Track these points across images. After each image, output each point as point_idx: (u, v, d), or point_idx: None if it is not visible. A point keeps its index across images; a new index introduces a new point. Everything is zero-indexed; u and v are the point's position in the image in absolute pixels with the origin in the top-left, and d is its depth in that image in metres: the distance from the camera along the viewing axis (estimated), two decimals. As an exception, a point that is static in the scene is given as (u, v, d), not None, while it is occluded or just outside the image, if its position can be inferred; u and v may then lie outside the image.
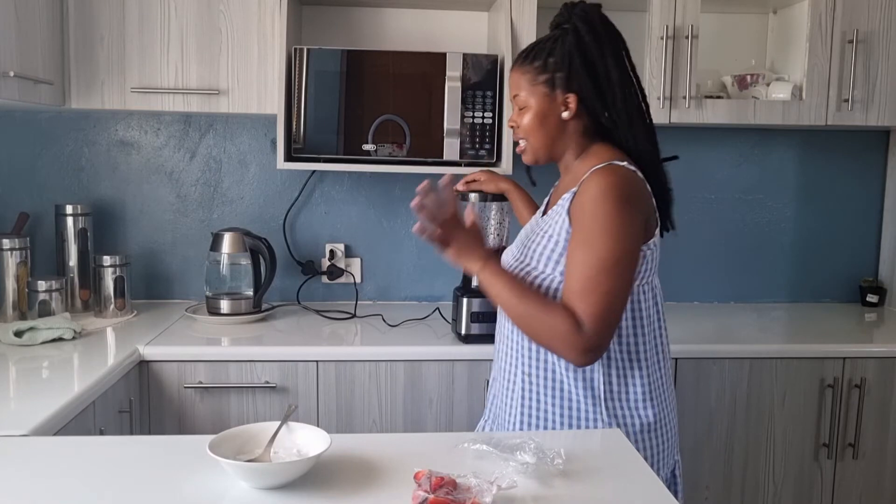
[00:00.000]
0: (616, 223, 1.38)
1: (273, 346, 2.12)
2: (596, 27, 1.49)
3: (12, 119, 2.51)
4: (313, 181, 2.60)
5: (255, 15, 2.22)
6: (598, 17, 1.51)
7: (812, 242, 2.78)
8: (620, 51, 1.51)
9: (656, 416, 1.52)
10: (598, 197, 1.40)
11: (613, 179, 1.42)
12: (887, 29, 2.35)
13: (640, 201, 1.44)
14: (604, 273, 1.37)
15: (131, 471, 1.24)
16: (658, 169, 1.53)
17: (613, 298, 1.38)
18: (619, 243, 1.38)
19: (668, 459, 1.58)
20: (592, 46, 1.47)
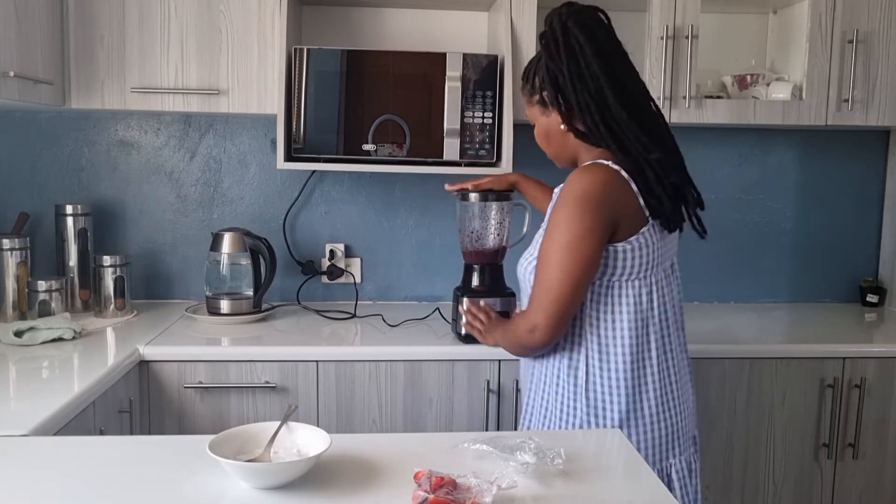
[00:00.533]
0: (571, 221, 1.48)
1: (273, 346, 2.12)
2: (556, 39, 1.53)
3: (12, 119, 2.51)
4: (313, 181, 2.60)
5: (255, 15, 2.22)
6: (561, 27, 1.53)
7: (812, 242, 2.78)
8: (580, 57, 1.51)
9: (628, 410, 1.55)
10: (566, 194, 1.51)
11: (584, 178, 1.50)
12: (887, 29, 2.35)
13: (607, 201, 1.48)
14: (552, 274, 1.50)
15: (131, 471, 1.24)
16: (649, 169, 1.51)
17: (557, 290, 1.49)
18: (569, 238, 1.48)
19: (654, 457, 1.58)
20: (551, 63, 1.53)
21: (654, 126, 1.56)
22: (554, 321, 1.50)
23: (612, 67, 1.52)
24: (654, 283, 1.56)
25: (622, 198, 1.50)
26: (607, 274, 1.53)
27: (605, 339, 1.55)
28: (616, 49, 1.56)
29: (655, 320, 1.56)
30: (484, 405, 2.10)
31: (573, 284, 1.49)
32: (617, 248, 1.51)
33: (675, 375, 1.61)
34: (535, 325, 1.52)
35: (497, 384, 2.10)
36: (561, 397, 1.59)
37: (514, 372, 2.09)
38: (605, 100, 1.51)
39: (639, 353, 1.56)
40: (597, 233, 1.48)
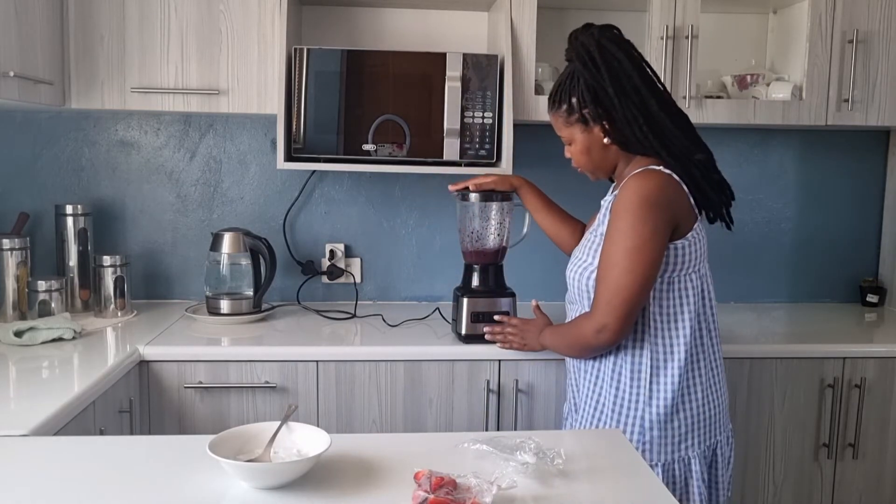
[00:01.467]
0: (636, 225, 1.55)
1: (273, 346, 2.12)
2: (593, 57, 1.61)
3: (12, 119, 2.51)
4: (313, 181, 2.60)
5: (255, 15, 2.22)
6: (596, 44, 1.62)
7: (812, 242, 2.78)
8: (619, 70, 1.61)
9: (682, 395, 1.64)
10: (627, 200, 1.58)
11: (642, 184, 1.58)
12: (887, 29, 2.35)
13: (667, 203, 1.58)
14: (618, 267, 1.56)
15: (131, 471, 1.24)
16: (695, 168, 1.63)
17: (626, 291, 1.56)
18: (636, 242, 1.55)
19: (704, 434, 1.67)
20: (593, 80, 1.61)
21: (690, 128, 1.67)
22: (623, 321, 1.58)
23: (649, 78, 1.63)
24: (704, 273, 1.68)
25: (678, 199, 1.61)
26: (668, 271, 1.62)
27: (668, 333, 1.64)
28: (645, 61, 1.66)
29: (706, 314, 1.68)
30: (484, 405, 2.10)
31: (642, 285, 1.57)
32: (677, 245, 1.61)
33: (720, 360, 1.72)
34: (604, 325, 1.59)
35: (497, 384, 2.10)
36: (622, 392, 1.67)
37: (514, 372, 2.09)
38: (649, 110, 1.61)
39: (696, 339, 1.66)
40: (660, 235, 1.57)
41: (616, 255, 1.57)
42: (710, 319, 1.69)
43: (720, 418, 1.71)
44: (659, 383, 1.64)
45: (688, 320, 1.64)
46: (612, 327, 1.58)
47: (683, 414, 1.64)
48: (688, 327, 1.64)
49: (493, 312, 2.10)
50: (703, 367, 1.67)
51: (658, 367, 1.64)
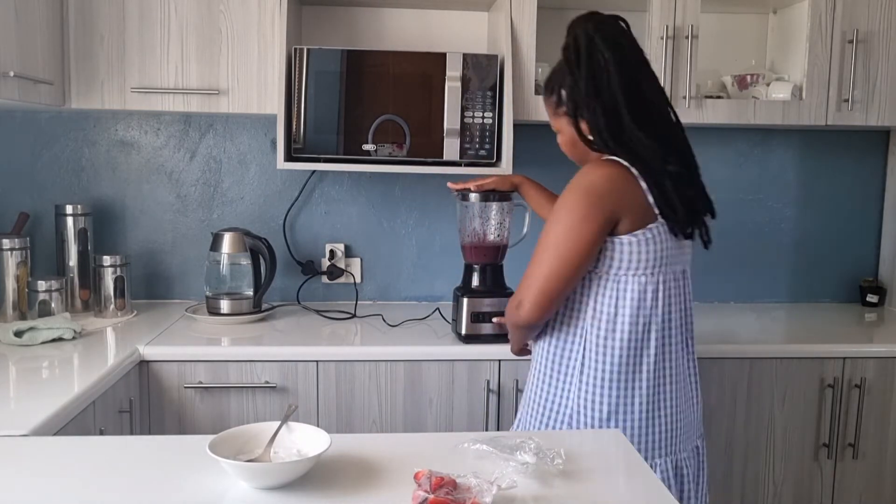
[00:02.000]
0: (569, 211, 1.53)
1: (273, 346, 2.12)
2: (579, 52, 1.56)
3: (12, 119, 2.51)
4: (313, 181, 2.60)
5: (255, 15, 2.22)
6: (586, 40, 1.55)
7: (812, 242, 2.78)
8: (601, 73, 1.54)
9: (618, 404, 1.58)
10: (569, 186, 1.57)
11: (588, 172, 1.56)
12: (887, 29, 2.35)
13: (607, 193, 1.53)
14: (544, 255, 1.54)
15: (131, 471, 1.24)
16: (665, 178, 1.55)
17: (545, 271, 1.54)
18: (565, 226, 1.53)
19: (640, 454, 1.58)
20: (572, 75, 1.57)
21: (673, 139, 1.60)
22: (538, 300, 1.55)
23: (632, 85, 1.55)
24: (662, 282, 1.58)
25: (628, 192, 1.54)
26: (613, 266, 1.56)
27: (605, 332, 1.57)
28: (639, 61, 1.59)
29: (658, 319, 1.58)
30: (484, 405, 2.10)
31: (564, 268, 1.53)
32: (622, 239, 1.55)
33: (672, 378, 1.62)
34: (520, 301, 1.58)
35: (497, 384, 2.10)
36: (554, 388, 1.63)
37: (514, 372, 2.09)
38: (619, 117, 1.54)
39: (636, 349, 1.58)
40: (593, 222, 1.52)
41: (546, 234, 1.55)
42: (666, 335, 1.59)
43: (662, 441, 1.60)
44: (590, 383, 1.58)
45: (627, 324, 1.56)
46: (527, 304, 1.56)
47: (616, 424, 1.57)
48: (626, 332, 1.56)
49: (493, 313, 2.10)
50: (647, 381, 1.57)
51: (591, 365, 1.58)
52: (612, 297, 1.57)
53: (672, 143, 1.59)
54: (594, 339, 1.58)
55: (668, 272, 1.60)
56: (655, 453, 1.60)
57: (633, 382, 1.58)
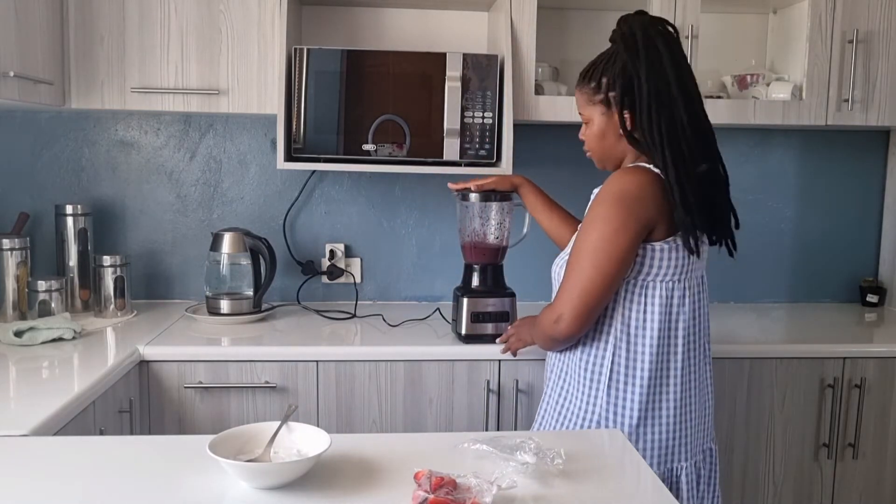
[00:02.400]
0: (606, 219, 1.52)
1: (273, 346, 2.12)
2: (636, 42, 1.54)
3: (12, 119, 2.51)
4: (313, 181, 2.60)
5: (255, 15, 2.22)
6: (642, 32, 1.55)
7: (812, 242, 2.78)
8: (658, 65, 1.53)
9: (647, 410, 1.58)
10: (603, 192, 1.55)
11: (623, 178, 1.55)
12: (887, 29, 2.35)
13: (643, 200, 1.52)
14: (582, 266, 1.53)
15: (131, 471, 1.24)
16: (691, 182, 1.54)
17: (586, 283, 1.53)
18: (604, 235, 1.51)
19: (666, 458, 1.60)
20: (630, 66, 1.54)
21: (710, 144, 1.60)
22: (579, 312, 1.53)
23: (685, 83, 1.56)
24: (687, 287, 1.59)
25: (660, 199, 1.53)
26: (643, 273, 1.56)
27: (634, 338, 1.58)
28: (686, 64, 1.59)
29: (685, 325, 1.59)
30: (484, 405, 2.10)
31: (603, 279, 1.52)
32: (654, 246, 1.55)
33: (697, 383, 1.64)
34: (560, 315, 1.56)
35: (497, 384, 2.10)
36: (582, 393, 1.62)
37: (514, 372, 2.09)
38: (673, 115, 1.53)
39: (664, 354, 1.58)
40: (630, 230, 1.51)
41: (583, 247, 1.54)
42: (691, 340, 1.61)
43: (687, 444, 1.62)
44: (619, 389, 1.58)
45: (656, 330, 1.56)
46: (567, 318, 1.54)
47: (645, 430, 1.58)
48: (655, 338, 1.56)
49: (492, 313, 2.10)
50: (674, 388, 1.58)
51: (620, 372, 1.58)
52: (641, 303, 1.57)
53: (710, 150, 1.59)
54: (623, 346, 1.58)
55: (693, 278, 1.61)
56: (681, 456, 1.61)
57: (662, 388, 1.58)
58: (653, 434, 1.58)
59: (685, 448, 1.62)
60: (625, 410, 1.58)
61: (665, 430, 1.59)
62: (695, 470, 1.65)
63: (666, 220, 1.54)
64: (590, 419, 1.61)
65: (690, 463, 1.63)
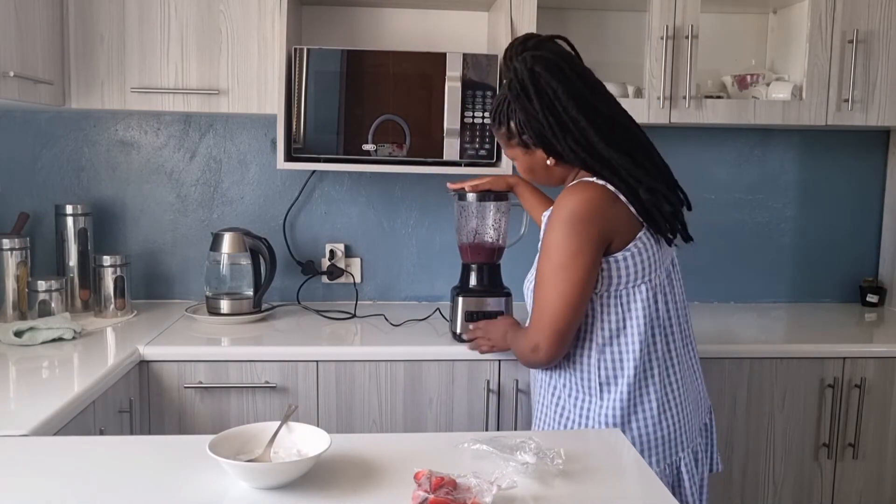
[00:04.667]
0: (562, 242, 1.52)
1: (273, 346, 2.12)
2: (526, 88, 1.53)
3: (12, 119, 2.51)
4: (313, 181, 2.60)
5: (255, 15, 2.22)
6: (528, 73, 1.53)
7: (812, 242, 2.78)
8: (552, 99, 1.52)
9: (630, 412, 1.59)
10: (555, 215, 1.55)
11: (572, 198, 1.54)
12: (887, 29, 2.35)
13: (597, 217, 1.52)
14: (546, 295, 1.55)
15: (131, 471, 1.24)
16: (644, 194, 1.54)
17: (554, 311, 1.54)
18: (562, 260, 1.52)
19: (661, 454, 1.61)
20: (529, 110, 1.55)
21: (642, 151, 1.59)
22: (553, 340, 1.56)
23: (588, 105, 1.54)
24: (658, 284, 1.59)
25: (612, 211, 1.54)
26: (613, 284, 1.56)
27: (616, 346, 1.59)
28: (586, 81, 1.57)
29: (661, 321, 1.60)
30: (484, 405, 2.10)
31: (569, 304, 1.54)
32: (617, 258, 1.55)
33: (678, 374, 1.64)
34: (536, 344, 1.58)
35: (497, 384, 2.10)
36: (571, 408, 1.64)
37: (514, 372, 2.09)
38: (590, 141, 1.54)
39: (647, 353, 1.59)
40: (588, 251, 1.51)
41: (544, 273, 1.55)
42: (668, 332, 1.62)
43: (682, 434, 1.63)
44: (609, 398, 1.59)
45: (637, 335, 1.57)
46: (544, 346, 1.56)
47: (632, 428, 1.59)
48: (637, 343, 1.57)
49: (487, 312, 2.10)
50: (654, 385, 1.59)
51: (608, 382, 1.59)
52: (618, 312, 1.58)
53: (643, 156, 1.58)
54: (609, 356, 1.59)
55: (662, 271, 1.61)
56: (677, 448, 1.62)
57: (645, 387, 1.60)
58: (640, 431, 1.59)
59: (681, 438, 1.63)
60: (613, 411, 1.59)
61: (652, 427, 1.60)
62: (693, 455, 1.66)
63: (622, 229, 1.55)
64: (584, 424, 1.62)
65: (688, 451, 1.65)
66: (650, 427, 1.60)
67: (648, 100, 2.29)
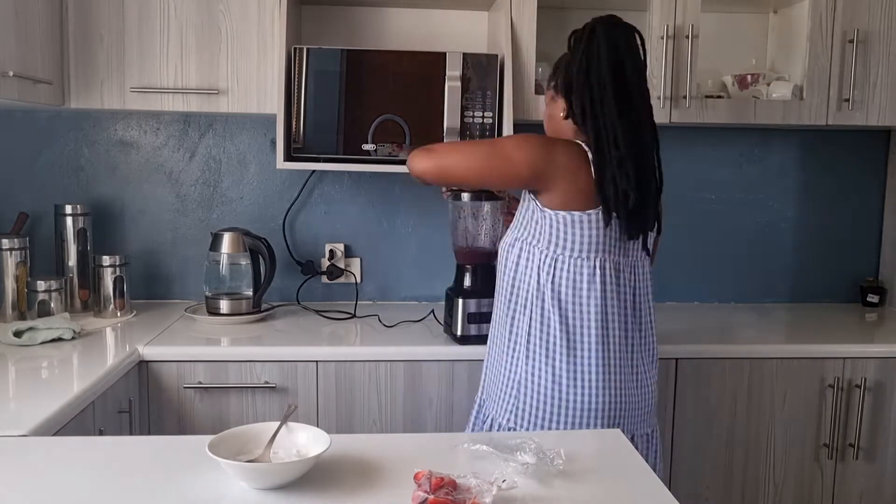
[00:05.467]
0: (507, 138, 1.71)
1: (273, 346, 2.12)
2: (580, 38, 1.66)
3: (12, 119, 2.51)
4: (313, 181, 2.60)
5: (254, 15, 2.22)
6: (590, 29, 1.66)
7: (812, 242, 2.77)
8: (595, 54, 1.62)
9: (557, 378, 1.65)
10: None
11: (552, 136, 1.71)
12: (887, 29, 2.35)
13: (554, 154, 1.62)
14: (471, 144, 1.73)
15: (131, 471, 1.24)
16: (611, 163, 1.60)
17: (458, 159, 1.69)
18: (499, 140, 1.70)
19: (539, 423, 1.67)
20: (571, 56, 1.67)
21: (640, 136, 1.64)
22: (440, 167, 1.69)
23: (620, 80, 1.62)
24: (599, 268, 1.64)
25: (577, 169, 1.61)
26: (551, 245, 1.64)
27: (546, 306, 1.66)
28: (632, 66, 1.65)
29: (595, 305, 1.65)
30: (484, 405, 2.10)
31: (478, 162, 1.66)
32: (561, 214, 1.62)
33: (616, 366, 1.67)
34: (429, 150, 1.71)
35: (497, 384, 2.10)
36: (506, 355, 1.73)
37: (514, 372, 2.09)
38: (602, 105, 1.61)
39: (573, 327, 1.65)
40: (526, 153, 1.61)
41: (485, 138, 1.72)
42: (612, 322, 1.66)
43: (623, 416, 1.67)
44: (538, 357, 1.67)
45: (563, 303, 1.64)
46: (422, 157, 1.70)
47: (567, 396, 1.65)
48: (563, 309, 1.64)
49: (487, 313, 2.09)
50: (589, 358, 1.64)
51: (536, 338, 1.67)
52: (551, 273, 1.65)
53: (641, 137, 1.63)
54: (538, 313, 1.66)
55: (607, 260, 1.65)
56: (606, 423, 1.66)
57: (575, 359, 1.64)
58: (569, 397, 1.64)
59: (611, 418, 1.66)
60: (541, 372, 1.66)
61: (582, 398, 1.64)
62: None
63: (576, 189, 1.61)
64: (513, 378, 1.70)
65: None
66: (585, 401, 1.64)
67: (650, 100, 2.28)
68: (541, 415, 1.66)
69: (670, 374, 2.16)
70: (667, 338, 2.25)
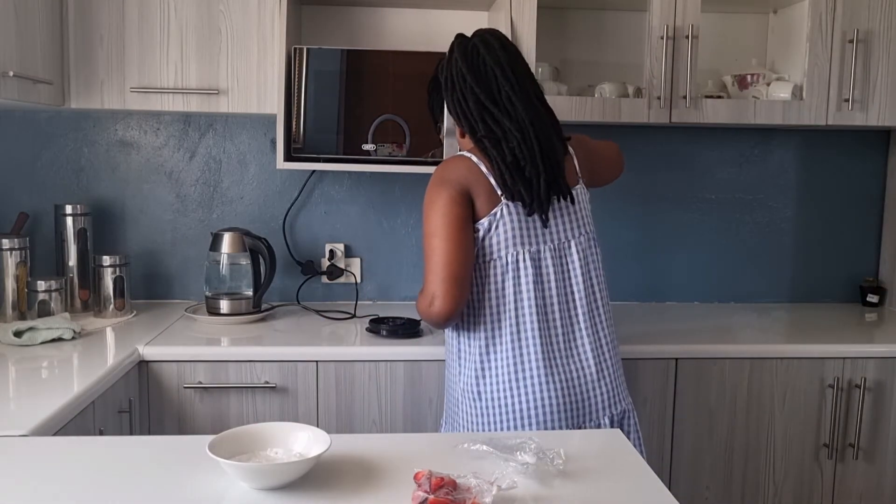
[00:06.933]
0: (431, 203, 1.66)
1: (273, 346, 2.12)
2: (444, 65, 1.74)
3: (12, 119, 2.51)
4: (313, 181, 2.60)
5: (254, 15, 2.22)
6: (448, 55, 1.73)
7: (812, 242, 2.77)
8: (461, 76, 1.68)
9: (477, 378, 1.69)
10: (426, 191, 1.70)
11: (438, 168, 1.72)
12: (887, 29, 2.35)
13: (455, 179, 1.66)
14: (432, 248, 1.64)
15: (131, 471, 1.24)
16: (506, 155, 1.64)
17: (445, 267, 1.62)
18: (437, 221, 1.64)
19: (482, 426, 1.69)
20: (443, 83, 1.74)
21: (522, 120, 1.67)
22: (448, 286, 1.62)
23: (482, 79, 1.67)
24: (521, 261, 1.66)
25: (470, 176, 1.66)
26: (484, 252, 1.68)
27: (471, 314, 1.69)
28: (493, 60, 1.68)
29: (514, 296, 1.67)
30: (484, 405, 2.10)
31: (457, 246, 1.63)
32: (483, 223, 1.65)
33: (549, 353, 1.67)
34: (432, 294, 1.64)
35: (497, 384, 2.10)
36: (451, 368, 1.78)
37: (514, 372, 2.09)
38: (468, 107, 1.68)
39: (492, 325, 1.68)
40: (457, 200, 1.64)
41: (428, 231, 1.65)
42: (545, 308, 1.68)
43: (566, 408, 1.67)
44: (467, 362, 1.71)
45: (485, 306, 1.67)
46: (439, 296, 1.62)
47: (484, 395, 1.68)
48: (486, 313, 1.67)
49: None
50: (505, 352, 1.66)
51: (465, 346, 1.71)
52: (478, 281, 1.67)
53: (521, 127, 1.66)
54: (464, 321, 1.70)
55: (523, 252, 1.67)
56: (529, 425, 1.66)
57: (491, 356, 1.67)
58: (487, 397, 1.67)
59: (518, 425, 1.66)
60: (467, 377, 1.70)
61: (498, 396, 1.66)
62: None
63: (481, 197, 1.65)
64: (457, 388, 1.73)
65: None
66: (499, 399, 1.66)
67: (648, 100, 2.29)
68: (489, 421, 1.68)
69: (670, 374, 2.16)
70: (667, 338, 2.25)
